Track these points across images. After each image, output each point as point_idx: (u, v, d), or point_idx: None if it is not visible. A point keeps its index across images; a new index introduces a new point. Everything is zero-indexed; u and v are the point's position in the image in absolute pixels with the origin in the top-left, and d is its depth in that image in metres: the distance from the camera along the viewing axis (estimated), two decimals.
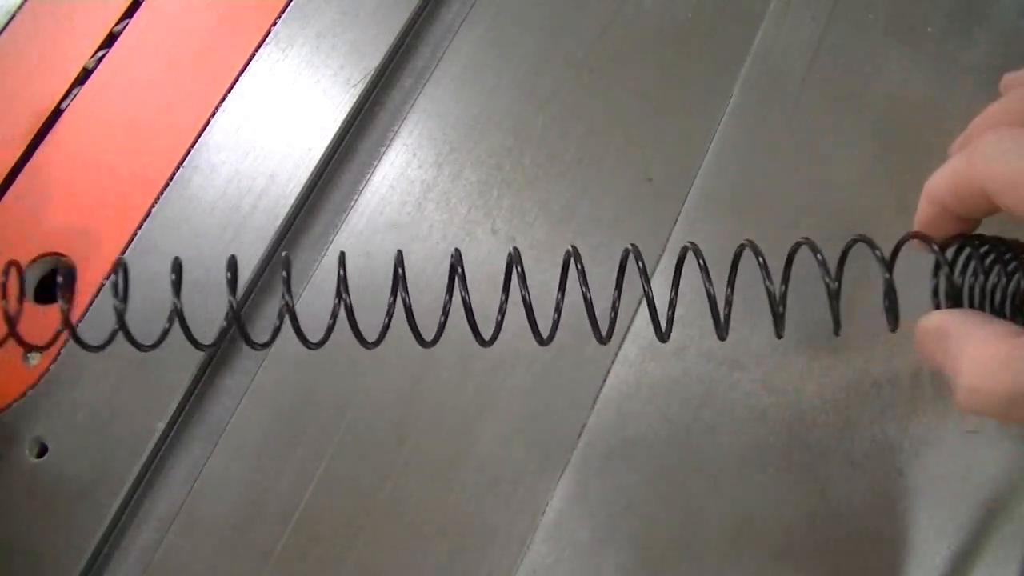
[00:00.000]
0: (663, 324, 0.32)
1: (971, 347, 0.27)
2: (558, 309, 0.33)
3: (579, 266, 0.32)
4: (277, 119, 0.44)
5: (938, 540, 0.38)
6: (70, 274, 0.33)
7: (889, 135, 0.44)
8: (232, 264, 0.33)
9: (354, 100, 0.44)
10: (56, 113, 0.44)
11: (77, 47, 0.46)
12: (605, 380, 0.40)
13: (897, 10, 0.47)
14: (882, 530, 0.38)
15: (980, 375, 0.26)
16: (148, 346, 0.33)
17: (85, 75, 0.45)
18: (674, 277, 0.33)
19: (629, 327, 0.41)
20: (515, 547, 0.38)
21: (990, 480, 0.38)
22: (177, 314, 0.32)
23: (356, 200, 0.44)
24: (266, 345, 0.33)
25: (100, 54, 0.45)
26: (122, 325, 0.32)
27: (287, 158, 0.43)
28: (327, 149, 0.44)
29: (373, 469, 0.39)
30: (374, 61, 0.45)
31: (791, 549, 0.38)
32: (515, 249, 0.33)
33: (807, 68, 0.46)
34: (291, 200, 0.42)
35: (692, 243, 0.31)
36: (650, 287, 0.32)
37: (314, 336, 0.33)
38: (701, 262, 0.31)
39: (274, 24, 0.46)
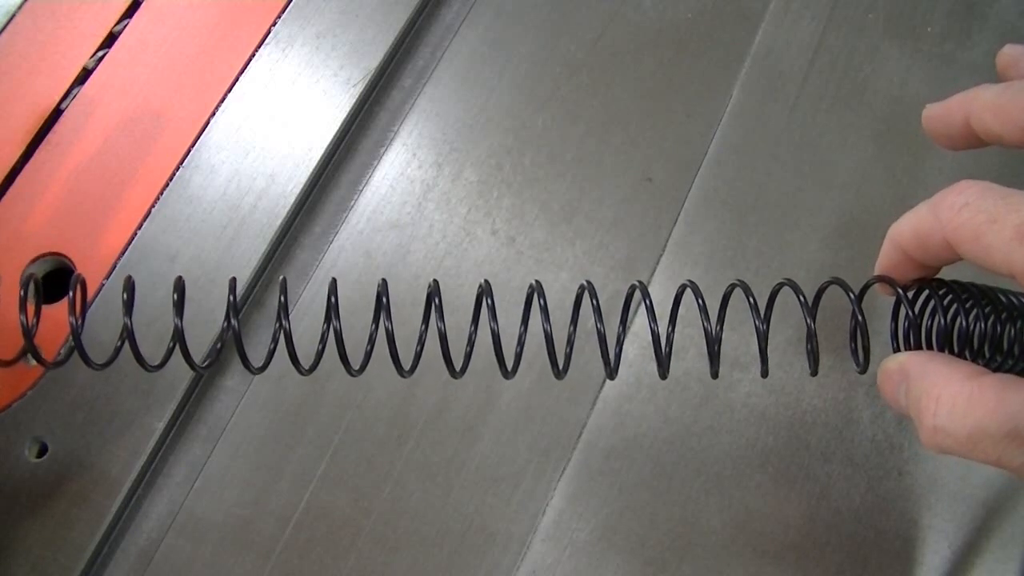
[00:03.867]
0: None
1: (935, 388, 0.28)
2: (520, 343, 0.34)
3: (542, 302, 0.33)
4: (277, 119, 0.44)
5: (938, 540, 0.38)
6: (81, 283, 0.33)
7: (889, 135, 0.44)
8: (233, 286, 0.33)
9: (354, 100, 0.44)
10: (56, 113, 0.44)
11: (77, 47, 0.46)
12: (605, 380, 0.40)
13: (897, 10, 0.47)
14: (882, 530, 0.38)
15: (944, 415, 0.27)
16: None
17: (85, 75, 0.45)
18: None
19: (629, 328, 0.41)
20: (515, 547, 0.38)
21: (990, 480, 0.38)
22: (179, 335, 0.32)
23: (356, 200, 0.44)
24: (261, 369, 0.33)
25: (100, 54, 0.45)
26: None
27: (287, 158, 0.43)
28: (327, 149, 0.44)
29: (373, 469, 0.39)
30: (374, 61, 0.45)
31: (791, 549, 0.38)
32: (486, 282, 0.33)
33: (807, 68, 0.46)
34: (291, 200, 0.42)
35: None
36: (602, 324, 0.32)
37: (312, 342, 0.33)
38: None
39: (274, 24, 0.46)
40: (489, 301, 0.33)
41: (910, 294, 0.31)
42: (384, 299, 0.33)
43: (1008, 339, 0.29)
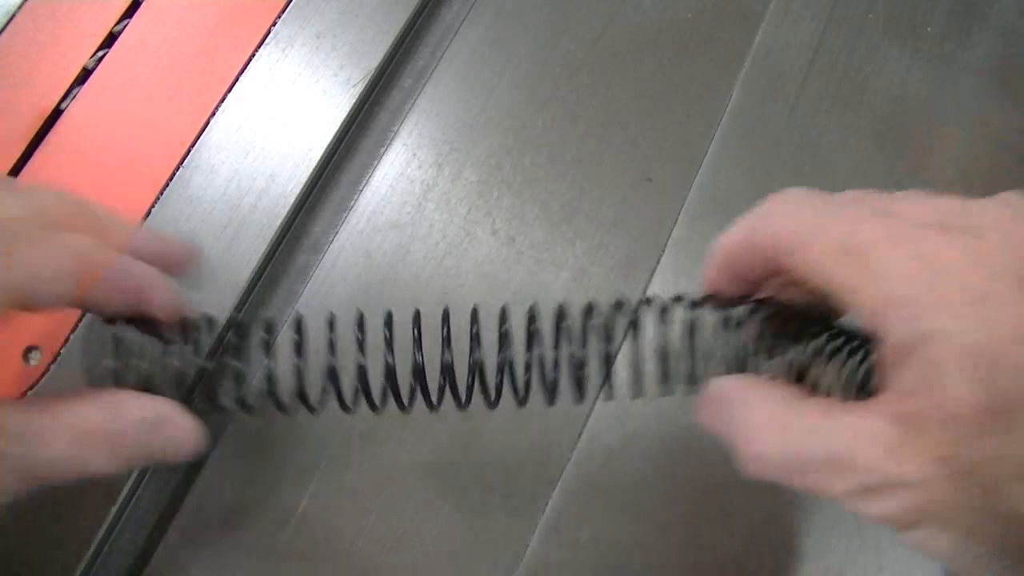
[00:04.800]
0: (551, 387, 0.31)
1: (754, 414, 0.27)
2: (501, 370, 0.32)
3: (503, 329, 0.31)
4: (277, 119, 0.44)
5: None
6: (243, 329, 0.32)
7: (889, 135, 0.44)
8: (389, 320, 0.31)
9: (354, 100, 0.44)
10: (56, 113, 0.44)
11: (77, 47, 0.45)
12: (605, 380, 0.40)
13: (897, 10, 0.47)
14: (883, 529, 0.38)
15: (763, 442, 0.26)
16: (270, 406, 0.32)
17: (85, 75, 0.45)
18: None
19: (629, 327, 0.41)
20: (515, 546, 0.38)
21: None
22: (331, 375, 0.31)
23: (356, 200, 0.44)
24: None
25: (100, 54, 0.45)
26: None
27: (287, 158, 0.43)
28: (327, 149, 0.44)
29: (373, 469, 0.39)
30: (374, 61, 0.45)
31: (791, 548, 0.38)
32: (474, 308, 0.31)
33: (807, 68, 0.46)
34: (291, 200, 0.42)
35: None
36: (562, 349, 0.31)
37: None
38: (560, 326, 0.30)
39: (274, 24, 0.46)
40: (474, 329, 0.31)
41: (735, 310, 0.30)
42: (388, 332, 0.31)
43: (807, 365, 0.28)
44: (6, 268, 0.27)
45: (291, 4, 0.47)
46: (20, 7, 0.46)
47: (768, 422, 0.26)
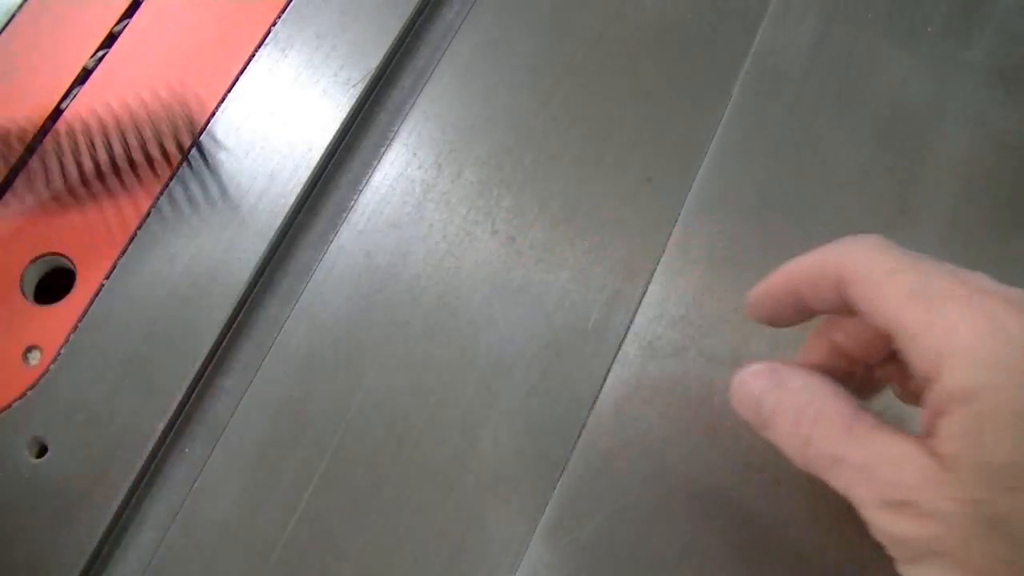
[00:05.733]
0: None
1: (826, 405, 0.29)
2: None
3: None
4: (277, 119, 0.44)
5: None
6: None
7: (889, 135, 0.44)
8: None
9: (354, 100, 0.44)
10: (56, 113, 0.44)
11: (77, 47, 0.46)
12: (605, 380, 0.40)
13: (897, 10, 0.47)
14: None
15: (822, 429, 0.28)
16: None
17: (85, 75, 0.45)
18: None
19: (629, 327, 0.41)
20: (515, 547, 0.38)
21: None
22: None
23: (356, 200, 0.44)
24: None
25: (100, 54, 0.45)
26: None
27: (287, 158, 0.43)
28: (327, 149, 0.44)
29: (373, 469, 0.39)
30: (374, 61, 0.45)
31: (791, 549, 0.38)
32: None
33: (807, 68, 0.46)
34: (291, 200, 0.42)
35: None
36: None
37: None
38: None
39: (274, 24, 0.46)
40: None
41: None
42: None
43: None
44: None
45: (291, 4, 0.47)
46: (20, 7, 0.46)
47: (834, 416, 0.28)
